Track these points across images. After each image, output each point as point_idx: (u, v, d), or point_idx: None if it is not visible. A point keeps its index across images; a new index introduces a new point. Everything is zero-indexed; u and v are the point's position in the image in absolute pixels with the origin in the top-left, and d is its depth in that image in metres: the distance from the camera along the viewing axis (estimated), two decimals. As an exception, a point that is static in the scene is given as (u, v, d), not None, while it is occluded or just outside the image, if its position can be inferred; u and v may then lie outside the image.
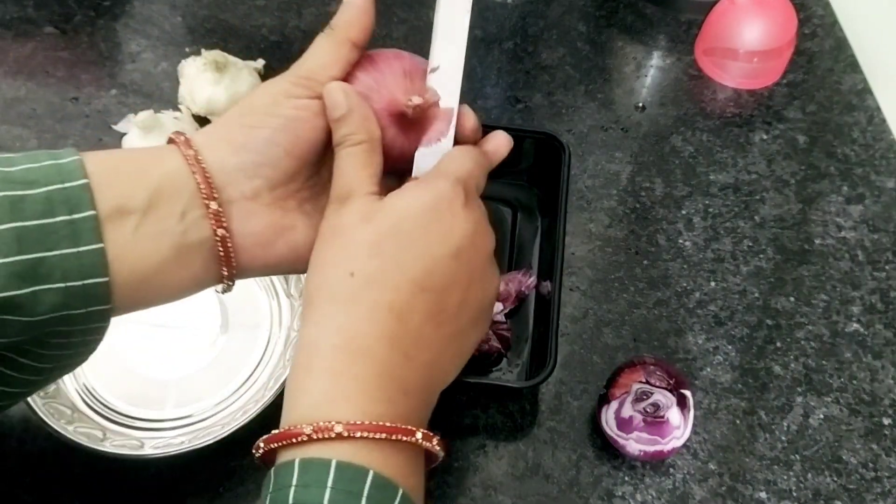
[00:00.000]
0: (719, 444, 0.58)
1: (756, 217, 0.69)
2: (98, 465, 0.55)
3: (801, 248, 0.68)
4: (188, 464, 0.55)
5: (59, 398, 0.57)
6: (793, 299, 0.65)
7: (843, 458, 0.58)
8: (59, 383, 0.58)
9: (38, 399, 0.55)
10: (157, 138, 0.67)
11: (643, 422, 0.53)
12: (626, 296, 0.65)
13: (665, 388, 0.54)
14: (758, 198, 0.70)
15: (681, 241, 0.68)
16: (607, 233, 0.68)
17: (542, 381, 0.54)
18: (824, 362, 0.62)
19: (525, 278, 0.63)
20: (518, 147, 0.68)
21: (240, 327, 0.61)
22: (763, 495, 0.56)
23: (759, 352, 0.62)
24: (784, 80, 0.78)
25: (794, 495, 0.56)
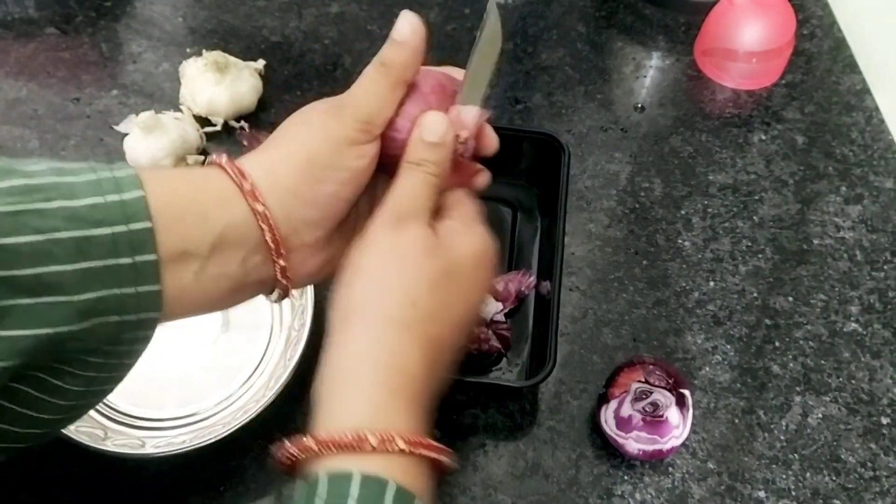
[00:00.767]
0: (718, 443, 0.58)
1: (755, 217, 0.69)
2: (99, 465, 0.55)
3: (800, 248, 0.68)
4: (189, 463, 0.55)
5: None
6: (791, 299, 0.65)
7: (842, 457, 0.58)
8: (61, 383, 0.58)
9: (39, 398, 0.55)
10: (158, 139, 0.67)
11: (642, 421, 0.53)
12: (625, 296, 0.65)
13: (664, 388, 0.54)
14: (756, 198, 0.71)
15: (680, 241, 0.68)
16: (607, 233, 0.68)
17: (542, 381, 0.55)
18: (823, 362, 0.62)
19: (525, 278, 0.63)
20: (518, 147, 0.68)
21: (241, 327, 0.61)
22: (762, 494, 0.56)
23: (758, 351, 0.62)
24: (783, 81, 0.78)
25: (793, 494, 0.56)
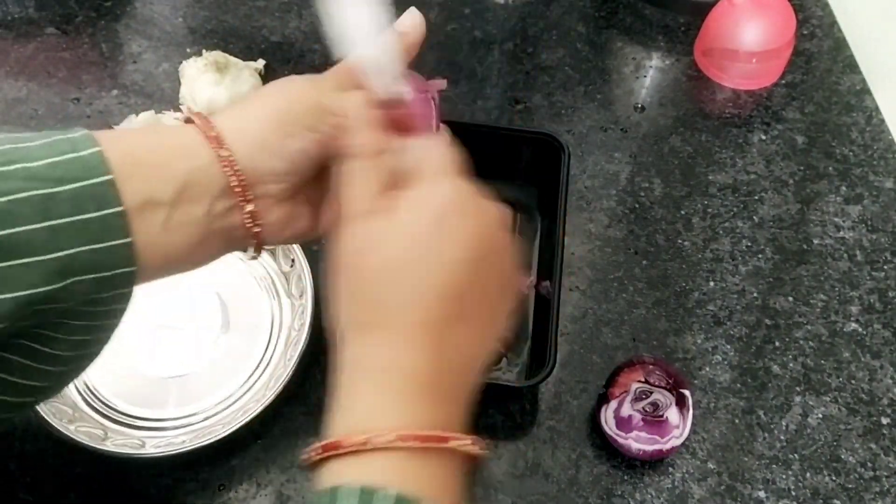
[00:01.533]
0: (718, 443, 0.58)
1: (755, 217, 0.69)
2: (99, 465, 0.55)
3: (800, 248, 0.68)
4: (189, 463, 0.55)
5: (60, 398, 0.57)
6: (791, 299, 0.65)
7: (842, 457, 0.58)
8: (61, 383, 0.58)
9: (39, 398, 0.55)
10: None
11: (642, 421, 0.53)
12: (625, 296, 0.65)
13: (664, 388, 0.54)
14: (756, 198, 0.71)
15: (680, 241, 0.68)
16: (606, 233, 0.68)
17: (542, 381, 0.55)
18: (823, 362, 0.62)
19: (525, 278, 0.63)
20: (518, 147, 0.68)
21: (241, 327, 0.61)
22: (762, 494, 0.56)
23: (758, 351, 0.62)
24: (783, 81, 0.78)
25: (793, 494, 0.56)
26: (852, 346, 0.63)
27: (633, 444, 0.54)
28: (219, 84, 0.71)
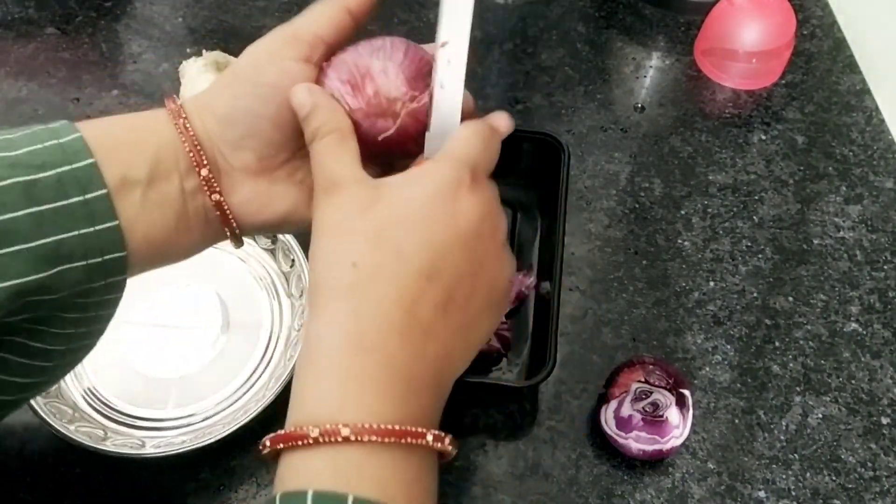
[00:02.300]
0: (718, 443, 0.58)
1: (755, 217, 0.69)
2: (99, 465, 0.55)
3: (800, 248, 0.68)
4: (189, 463, 0.55)
5: (60, 398, 0.57)
6: (791, 299, 0.65)
7: (842, 457, 0.58)
8: (61, 383, 0.58)
9: (39, 399, 0.55)
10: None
11: (642, 421, 0.53)
12: (625, 296, 0.65)
13: (664, 388, 0.54)
14: (756, 198, 0.71)
15: (680, 241, 0.68)
16: (606, 233, 0.68)
17: (542, 381, 0.55)
18: (823, 362, 0.62)
19: (525, 278, 0.63)
20: (518, 147, 0.68)
21: (241, 327, 0.61)
22: (762, 494, 0.56)
23: (758, 351, 0.62)
24: (783, 81, 0.78)
25: (793, 494, 0.56)
26: (852, 346, 0.63)
27: (633, 444, 0.54)
28: (219, 84, 0.70)
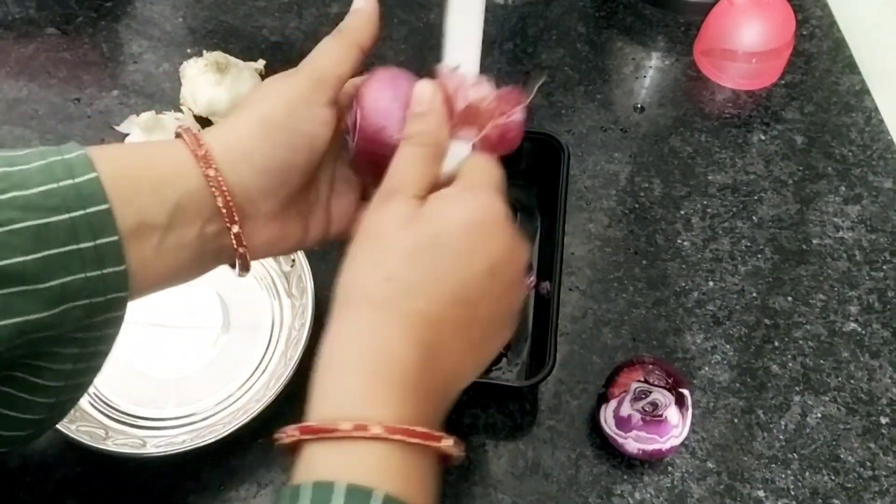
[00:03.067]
0: (717, 442, 0.58)
1: (754, 217, 0.70)
2: (100, 464, 0.55)
3: (799, 248, 0.68)
4: (190, 463, 0.55)
5: (61, 397, 0.57)
6: (791, 299, 0.65)
7: (841, 456, 0.58)
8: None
9: (40, 398, 0.55)
10: (159, 139, 0.67)
11: (642, 421, 0.54)
12: (624, 295, 0.65)
13: (664, 388, 0.54)
14: (756, 198, 0.71)
15: (679, 241, 0.68)
16: (606, 233, 0.68)
17: (542, 381, 0.55)
18: (822, 362, 0.62)
19: (525, 278, 0.63)
20: (518, 148, 0.68)
21: (241, 327, 0.61)
22: (761, 494, 0.56)
23: (758, 351, 0.63)
24: (782, 81, 0.78)
25: (792, 494, 0.56)
26: (851, 346, 0.63)
27: (633, 443, 0.54)
28: (219, 84, 0.71)
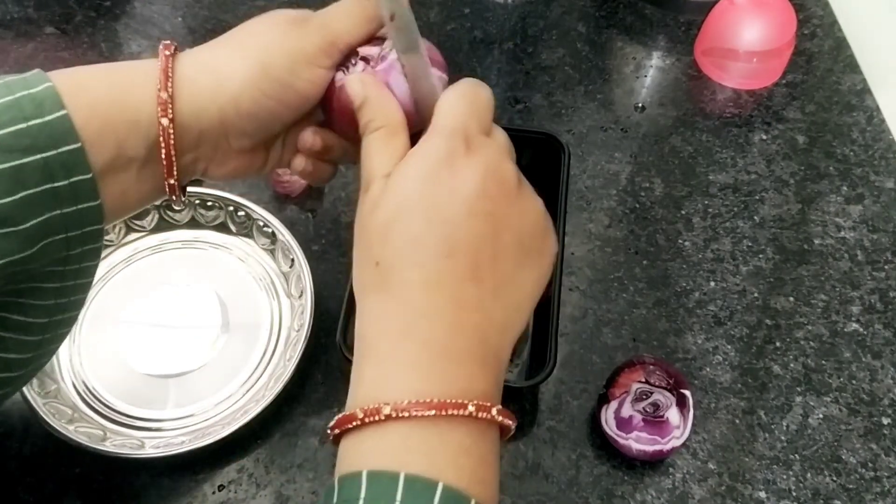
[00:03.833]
0: (719, 443, 0.58)
1: (755, 217, 0.69)
2: (99, 465, 0.55)
3: (801, 248, 0.68)
4: (189, 463, 0.55)
5: (59, 398, 0.57)
6: (792, 299, 0.65)
7: (843, 457, 0.58)
8: (60, 382, 0.58)
9: (38, 399, 0.55)
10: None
11: (643, 421, 0.53)
12: (625, 296, 0.65)
13: (664, 388, 0.54)
14: (757, 198, 0.71)
15: (680, 241, 0.68)
16: (607, 233, 0.68)
17: (542, 381, 0.55)
18: (824, 362, 0.62)
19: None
20: (518, 147, 0.68)
21: (240, 327, 0.61)
22: (762, 495, 0.56)
23: (759, 351, 0.62)
24: (783, 81, 0.78)
25: (794, 495, 0.56)
26: (853, 347, 0.63)
27: (634, 444, 0.54)
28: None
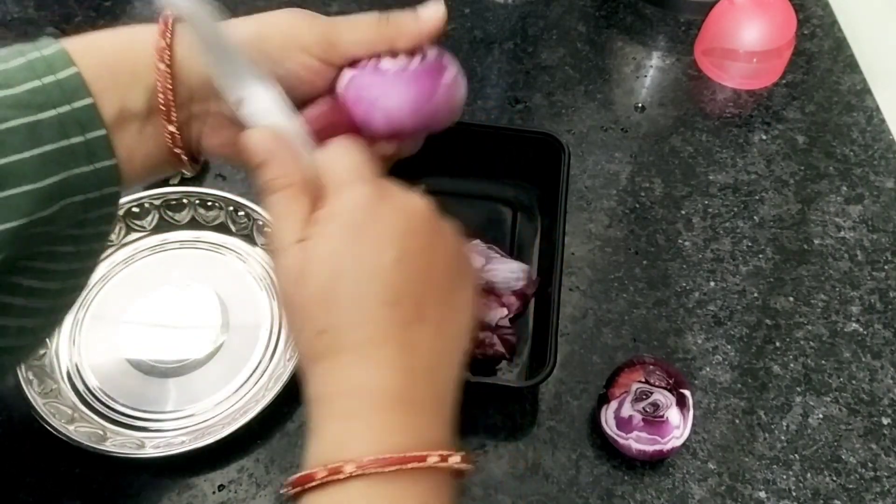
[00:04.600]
0: (719, 443, 0.58)
1: (755, 217, 0.69)
2: (99, 465, 0.55)
3: (801, 248, 0.68)
4: (189, 463, 0.55)
5: (59, 398, 0.57)
6: (792, 299, 0.65)
7: (843, 457, 0.58)
8: (60, 382, 0.58)
9: (38, 399, 0.55)
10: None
11: (643, 421, 0.53)
12: (625, 296, 0.65)
13: (664, 388, 0.54)
14: (757, 198, 0.71)
15: (680, 241, 0.68)
16: (607, 233, 0.68)
17: (542, 381, 0.55)
18: (823, 362, 0.62)
19: (530, 278, 0.63)
20: (518, 147, 0.68)
21: (240, 327, 0.61)
22: (762, 495, 0.56)
23: (759, 351, 0.62)
24: (783, 81, 0.78)
25: (794, 495, 0.56)
26: (853, 347, 0.63)
27: (634, 444, 0.54)
28: (218, 84, 0.70)
